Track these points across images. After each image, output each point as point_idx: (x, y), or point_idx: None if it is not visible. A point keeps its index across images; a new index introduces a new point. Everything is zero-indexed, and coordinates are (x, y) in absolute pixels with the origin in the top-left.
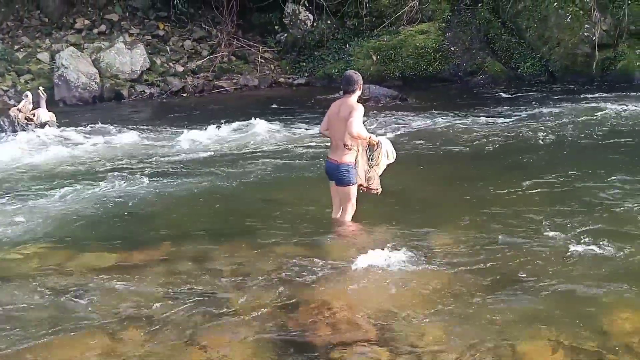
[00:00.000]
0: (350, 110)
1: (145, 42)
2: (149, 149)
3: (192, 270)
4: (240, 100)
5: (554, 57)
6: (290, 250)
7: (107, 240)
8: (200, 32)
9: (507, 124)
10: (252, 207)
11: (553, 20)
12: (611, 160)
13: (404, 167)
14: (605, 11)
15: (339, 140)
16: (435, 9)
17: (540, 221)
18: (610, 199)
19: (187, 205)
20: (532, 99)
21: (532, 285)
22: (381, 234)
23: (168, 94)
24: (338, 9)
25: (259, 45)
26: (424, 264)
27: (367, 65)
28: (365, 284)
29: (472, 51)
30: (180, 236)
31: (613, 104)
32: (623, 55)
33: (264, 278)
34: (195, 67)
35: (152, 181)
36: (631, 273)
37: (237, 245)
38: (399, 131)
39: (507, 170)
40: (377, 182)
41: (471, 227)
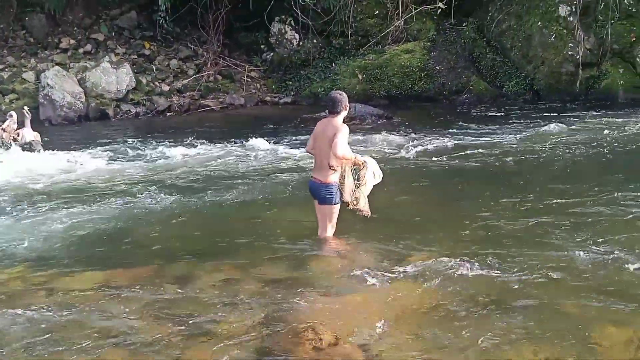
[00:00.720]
0: (335, 132)
1: (131, 62)
2: (133, 169)
3: (176, 290)
4: (226, 119)
5: (538, 76)
6: (275, 270)
7: (91, 261)
8: (186, 52)
9: (492, 142)
10: (237, 226)
11: (537, 40)
12: (597, 176)
13: (389, 186)
14: (589, 30)
15: (324, 160)
16: (421, 29)
17: (524, 238)
18: (595, 215)
19: (171, 225)
20: (517, 118)
21: (518, 303)
22: (366, 253)
23: (154, 113)
24: (324, 28)
25: (245, 64)
26: (409, 283)
27: (353, 84)
28: (349, 304)
29: (457, 70)
30: (165, 256)
31: (597, 122)
32: (607, 73)
33: (248, 299)
34: (181, 86)
35: (137, 201)
36: (616, 288)
37: (221, 265)
38: (384, 150)
39: (492, 187)
40: (365, 204)
41: (456, 245)
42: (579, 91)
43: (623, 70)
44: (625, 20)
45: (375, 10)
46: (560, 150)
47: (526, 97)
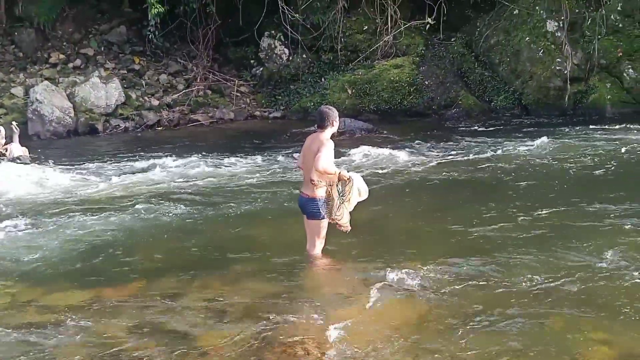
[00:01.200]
0: (319, 146)
1: (121, 76)
2: (122, 183)
3: (164, 306)
4: (215, 133)
5: (526, 91)
6: (264, 285)
7: (78, 277)
8: (175, 66)
9: (480, 156)
10: (225, 241)
11: (525, 55)
12: (585, 189)
13: (378, 200)
14: (576, 45)
15: (309, 175)
16: (410, 44)
17: (512, 250)
18: (583, 227)
19: (160, 240)
20: (505, 132)
21: (507, 316)
22: (355, 267)
23: (143, 127)
24: (313, 43)
25: (234, 79)
26: (397, 298)
27: (343, 98)
28: (338, 319)
29: (446, 85)
30: (153, 272)
31: (585, 136)
32: (594, 88)
33: (237, 315)
34: (171, 101)
35: (125, 216)
36: (604, 301)
37: (210, 281)
38: (373, 164)
39: (480, 200)
40: (346, 219)
41: (445, 258)
42: (567, 106)
43: (610, 85)
44: (612, 36)
45: (365, 25)
46: (547, 164)
47: (515, 111)
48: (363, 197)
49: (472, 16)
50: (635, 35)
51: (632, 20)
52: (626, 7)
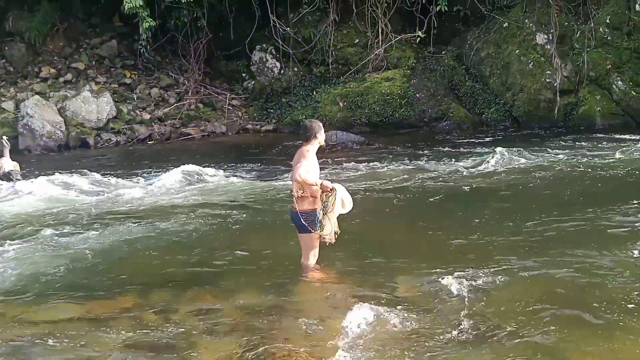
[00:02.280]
0: (300, 157)
1: (112, 90)
2: (112, 197)
3: (156, 320)
4: (207, 147)
5: (517, 103)
6: (256, 299)
7: (70, 291)
8: (167, 80)
9: (471, 167)
10: (217, 255)
11: (515, 67)
12: (575, 199)
13: (370, 211)
14: (566, 58)
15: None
16: (401, 57)
17: (504, 264)
18: (573, 238)
19: (152, 254)
20: (496, 144)
21: (496, 333)
22: (348, 279)
23: (135, 141)
24: (305, 56)
25: (226, 93)
26: (390, 309)
27: (334, 111)
28: (331, 332)
29: (437, 97)
30: (145, 286)
31: (575, 149)
32: (584, 100)
33: (228, 329)
34: (162, 115)
35: (117, 230)
36: (596, 315)
37: (201, 294)
38: (365, 176)
39: (472, 213)
40: (328, 230)
41: (436, 269)
42: (557, 118)
43: (600, 97)
44: (601, 48)
45: (356, 39)
46: (537, 175)
47: (505, 123)
48: (347, 209)
49: (463, 29)
50: (624, 47)
51: (621, 33)
52: (614, 20)
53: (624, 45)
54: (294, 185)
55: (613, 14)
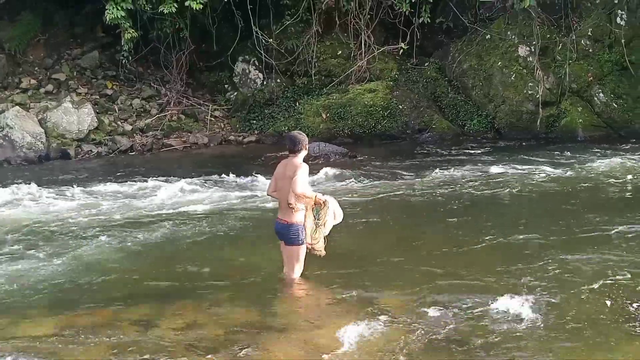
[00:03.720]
0: (295, 169)
1: (93, 101)
2: (93, 209)
3: (137, 335)
4: (189, 158)
5: (499, 115)
6: (239, 312)
7: (49, 306)
8: (149, 91)
9: (452, 179)
10: (199, 267)
11: (498, 79)
12: (558, 213)
13: (354, 224)
14: (548, 70)
15: (286, 200)
16: (383, 68)
17: (489, 276)
18: (556, 253)
19: (132, 267)
20: (478, 155)
21: (486, 344)
22: (332, 294)
23: (116, 152)
24: (287, 68)
25: (208, 104)
26: (376, 324)
27: (317, 123)
28: (315, 347)
29: (419, 109)
30: (125, 299)
31: (557, 161)
32: (566, 112)
33: (211, 342)
34: (144, 126)
35: (96, 242)
36: (577, 331)
37: (183, 308)
38: (348, 188)
39: (456, 225)
40: (321, 244)
41: (422, 284)
42: (539, 129)
43: (582, 109)
44: (583, 61)
45: (339, 50)
46: (519, 187)
47: (488, 135)
48: (338, 221)
49: (445, 41)
50: (605, 60)
51: (602, 45)
52: (596, 32)
53: (605, 58)
54: (291, 197)
55: (595, 26)
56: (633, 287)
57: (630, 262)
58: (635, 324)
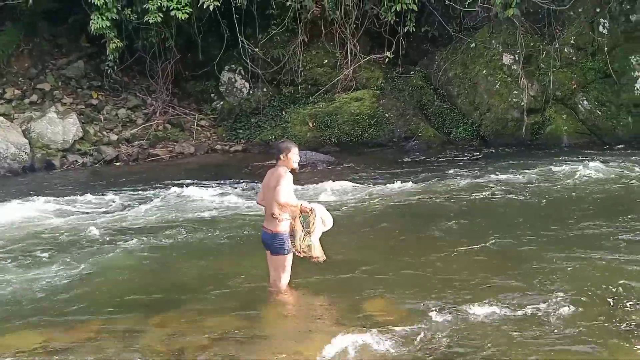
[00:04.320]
0: (278, 179)
1: (78, 111)
2: (76, 221)
3: (120, 346)
4: (175, 167)
5: (485, 122)
6: (225, 322)
7: (31, 320)
8: (134, 101)
9: (439, 187)
10: (185, 278)
11: (483, 87)
12: (541, 220)
13: (341, 233)
14: (532, 78)
15: (271, 209)
16: (369, 77)
17: (479, 282)
18: (542, 260)
19: (115, 278)
20: (464, 163)
21: (475, 349)
22: (320, 303)
23: (101, 163)
24: (274, 77)
25: (194, 113)
26: (363, 333)
27: (304, 131)
28: (301, 357)
29: (405, 117)
30: (109, 312)
31: (541, 168)
32: (550, 119)
33: (196, 354)
34: (130, 136)
35: (79, 254)
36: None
37: (169, 319)
38: (335, 196)
39: (444, 234)
40: (319, 250)
41: (410, 291)
42: (524, 137)
43: (566, 117)
44: (566, 68)
45: (325, 59)
46: (505, 194)
47: (473, 143)
48: (328, 227)
49: (430, 50)
50: (589, 67)
51: (585, 53)
52: (579, 40)
53: (588, 65)
54: (275, 207)
55: (577, 34)
56: (622, 288)
57: (619, 264)
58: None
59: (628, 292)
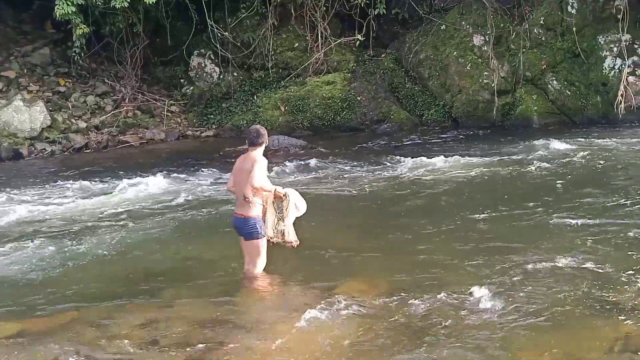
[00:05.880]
0: (253, 163)
1: (46, 99)
2: (47, 209)
3: (95, 336)
4: (146, 154)
5: (456, 104)
6: (200, 310)
7: (5, 309)
8: (103, 87)
9: (411, 170)
10: (159, 265)
11: (454, 69)
12: (517, 202)
13: (315, 217)
14: (502, 59)
15: (243, 194)
16: (341, 60)
17: (451, 264)
18: (515, 237)
19: (91, 267)
20: (436, 145)
21: (441, 336)
22: (296, 288)
23: (70, 151)
24: (244, 61)
25: (164, 99)
26: (339, 317)
27: (276, 116)
28: (279, 343)
29: (377, 100)
30: (84, 300)
31: (512, 148)
32: (521, 100)
33: (172, 341)
34: (99, 123)
35: (53, 243)
36: (542, 309)
37: (144, 307)
38: (308, 181)
39: (415, 215)
40: (292, 235)
41: (384, 274)
42: (495, 118)
43: (536, 97)
44: (536, 49)
45: (295, 43)
46: (474, 176)
47: (445, 124)
48: (301, 212)
49: (401, 32)
50: (558, 47)
51: (554, 34)
52: (548, 21)
53: (557, 46)
54: (248, 191)
55: (547, 15)
56: (587, 271)
57: (580, 246)
58: (598, 308)
59: (605, 269)
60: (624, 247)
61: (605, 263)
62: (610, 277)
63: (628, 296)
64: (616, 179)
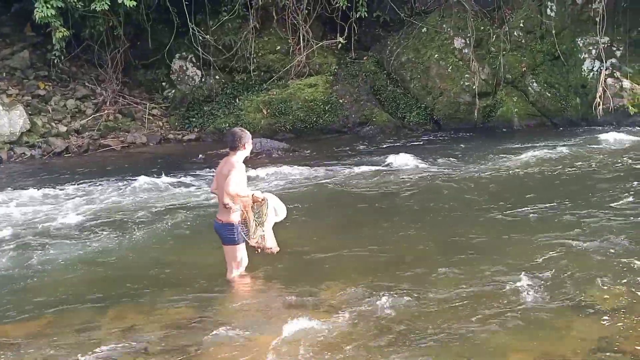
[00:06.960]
0: (230, 169)
1: (25, 103)
2: (26, 214)
3: (75, 341)
4: (127, 158)
5: (438, 107)
6: (181, 313)
7: None
8: (83, 91)
9: (393, 172)
10: (140, 269)
11: (435, 71)
12: (494, 202)
13: (296, 220)
14: (483, 61)
15: (222, 199)
16: (323, 63)
17: (431, 266)
18: (494, 241)
19: (69, 272)
20: (417, 147)
21: (430, 331)
22: (276, 291)
23: (51, 155)
24: (226, 64)
25: (146, 102)
26: (320, 319)
27: (258, 119)
28: (258, 346)
29: (360, 102)
30: (63, 305)
31: (493, 150)
32: (501, 102)
33: (153, 346)
34: (80, 127)
35: (32, 248)
36: (522, 314)
37: (124, 311)
38: (290, 184)
39: (398, 216)
40: (271, 241)
41: (366, 275)
42: (476, 120)
43: (517, 99)
44: (516, 51)
45: (277, 45)
46: (455, 178)
47: (427, 127)
48: (281, 217)
49: (383, 35)
50: (537, 50)
51: (534, 36)
52: (527, 24)
53: (537, 48)
54: (225, 197)
55: (526, 18)
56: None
57: (560, 245)
58: (579, 309)
59: (579, 267)
60: (603, 248)
61: (585, 265)
62: (591, 279)
63: (608, 297)
64: (595, 180)
